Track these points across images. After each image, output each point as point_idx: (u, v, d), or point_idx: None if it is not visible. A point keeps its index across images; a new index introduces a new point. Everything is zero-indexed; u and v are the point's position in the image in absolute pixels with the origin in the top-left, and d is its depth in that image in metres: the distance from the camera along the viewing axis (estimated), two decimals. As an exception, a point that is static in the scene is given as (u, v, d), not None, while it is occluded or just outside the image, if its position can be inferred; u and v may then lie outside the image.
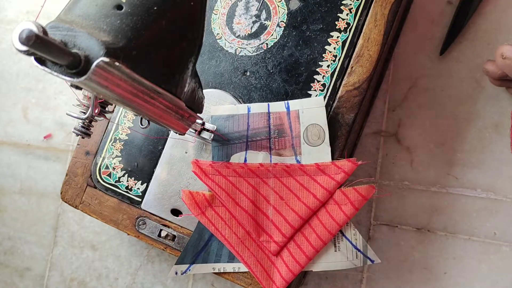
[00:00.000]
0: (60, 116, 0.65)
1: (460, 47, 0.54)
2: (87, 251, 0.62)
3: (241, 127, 0.45)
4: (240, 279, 0.45)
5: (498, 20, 0.53)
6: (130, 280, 0.60)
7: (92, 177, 0.49)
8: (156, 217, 0.47)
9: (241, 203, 0.43)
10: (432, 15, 0.55)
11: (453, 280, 0.52)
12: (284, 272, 0.43)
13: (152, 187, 0.48)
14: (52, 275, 0.63)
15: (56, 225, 0.63)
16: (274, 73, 0.46)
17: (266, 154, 0.45)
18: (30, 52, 0.21)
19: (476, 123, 0.52)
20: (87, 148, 0.50)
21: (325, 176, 0.43)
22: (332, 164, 0.43)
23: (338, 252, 0.43)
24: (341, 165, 0.42)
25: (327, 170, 0.43)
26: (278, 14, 0.47)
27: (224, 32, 0.49)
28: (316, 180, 0.43)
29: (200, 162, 0.45)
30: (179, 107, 0.32)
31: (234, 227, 0.44)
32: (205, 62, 0.48)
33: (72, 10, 0.26)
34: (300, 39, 0.46)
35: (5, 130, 0.66)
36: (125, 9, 0.26)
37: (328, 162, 0.43)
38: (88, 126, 0.36)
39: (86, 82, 0.23)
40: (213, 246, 0.45)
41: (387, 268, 0.54)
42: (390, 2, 0.44)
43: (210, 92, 0.47)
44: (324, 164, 0.43)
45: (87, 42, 0.24)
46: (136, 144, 0.49)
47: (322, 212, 0.43)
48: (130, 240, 0.60)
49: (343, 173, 0.42)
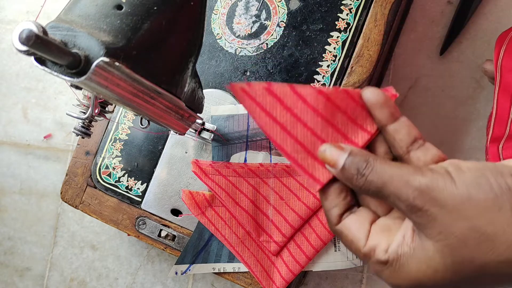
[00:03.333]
0: (60, 116, 0.65)
1: (460, 47, 0.54)
2: (87, 251, 0.62)
3: (241, 127, 0.45)
4: (240, 279, 0.45)
5: (498, 20, 0.53)
6: (130, 280, 0.60)
7: (92, 177, 0.49)
8: (156, 217, 0.47)
9: (241, 203, 0.43)
10: (432, 15, 0.55)
11: (453, 280, 0.52)
12: (284, 272, 0.43)
13: (152, 187, 0.48)
14: (52, 275, 0.63)
15: (56, 225, 0.63)
16: (274, 73, 0.46)
17: (266, 154, 0.45)
18: (30, 52, 0.21)
19: (476, 123, 0.52)
20: (87, 148, 0.50)
21: (325, 176, 0.43)
22: (332, 164, 0.42)
23: (338, 252, 0.43)
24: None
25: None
26: (278, 14, 0.47)
27: (224, 32, 0.49)
28: (316, 180, 0.43)
29: (200, 162, 0.45)
30: (179, 107, 0.32)
31: (234, 227, 0.44)
32: (205, 62, 0.48)
33: (72, 10, 0.26)
34: (300, 39, 0.46)
35: (5, 130, 0.66)
36: (125, 9, 0.26)
37: (328, 162, 0.43)
38: (88, 126, 0.36)
39: (86, 82, 0.23)
40: (213, 246, 0.45)
41: (387, 268, 0.53)
42: (390, 2, 0.44)
43: (210, 92, 0.47)
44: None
45: (87, 42, 0.24)
46: (136, 144, 0.49)
47: (322, 212, 0.43)
48: (130, 240, 0.60)
49: (343, 173, 0.42)
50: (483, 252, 0.21)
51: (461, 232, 0.21)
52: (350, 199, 0.27)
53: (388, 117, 0.26)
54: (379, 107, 0.26)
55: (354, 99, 0.27)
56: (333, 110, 0.27)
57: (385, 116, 0.26)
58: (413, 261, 0.23)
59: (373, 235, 0.25)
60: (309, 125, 0.27)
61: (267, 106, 0.27)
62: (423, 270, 0.22)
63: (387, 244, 0.24)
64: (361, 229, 0.25)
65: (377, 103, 0.26)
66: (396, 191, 0.23)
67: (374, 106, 0.26)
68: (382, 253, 0.24)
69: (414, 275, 0.23)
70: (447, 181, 0.22)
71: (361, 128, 0.27)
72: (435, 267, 0.22)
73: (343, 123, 0.27)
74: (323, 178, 0.27)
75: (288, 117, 0.27)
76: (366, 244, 0.25)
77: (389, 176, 0.23)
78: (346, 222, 0.26)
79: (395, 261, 0.24)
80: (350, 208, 0.27)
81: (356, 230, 0.26)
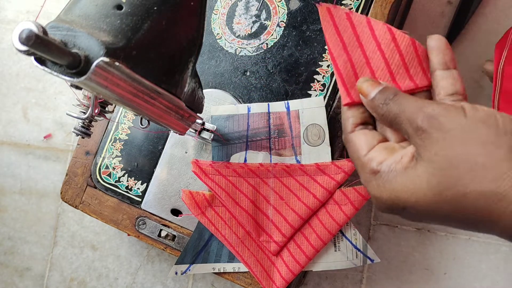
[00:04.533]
0: (60, 116, 0.65)
1: (460, 47, 0.54)
2: (87, 251, 0.62)
3: (241, 127, 0.45)
4: (240, 279, 0.45)
5: (498, 20, 0.53)
6: (130, 280, 0.60)
7: (92, 177, 0.50)
8: (156, 217, 0.47)
9: (241, 203, 0.43)
10: (432, 15, 0.55)
11: (453, 280, 0.52)
12: (284, 272, 0.43)
13: (152, 187, 0.48)
14: (52, 275, 0.63)
15: (56, 225, 0.63)
16: (274, 73, 0.46)
17: (266, 154, 0.45)
18: (30, 52, 0.21)
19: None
20: (87, 148, 0.50)
21: (325, 176, 0.43)
22: (332, 164, 0.43)
23: (338, 252, 0.43)
24: (341, 165, 0.42)
25: (327, 170, 0.43)
26: (278, 14, 0.47)
27: (224, 32, 0.49)
28: (316, 180, 0.43)
29: (200, 162, 0.45)
30: (179, 107, 0.32)
31: (234, 227, 0.44)
32: (205, 62, 0.48)
33: (72, 10, 0.26)
34: (300, 39, 0.46)
35: (5, 130, 0.66)
36: (125, 9, 0.26)
37: (328, 162, 0.43)
38: (88, 126, 0.36)
39: (86, 82, 0.23)
40: (213, 246, 0.45)
41: (387, 268, 0.54)
42: (390, 2, 0.44)
43: (210, 92, 0.47)
44: (324, 164, 0.43)
45: (87, 42, 0.24)
46: (136, 144, 0.49)
47: (322, 212, 0.43)
48: (130, 240, 0.60)
49: (343, 173, 0.42)
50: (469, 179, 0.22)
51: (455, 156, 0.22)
52: (368, 115, 0.30)
53: (441, 63, 0.28)
54: (436, 51, 0.29)
55: (417, 51, 0.30)
56: (393, 50, 0.30)
57: (439, 62, 0.28)
58: (402, 179, 0.24)
59: (376, 149, 0.28)
60: (367, 53, 0.30)
61: (340, 26, 0.30)
62: (407, 187, 0.24)
63: (384, 158, 0.26)
64: (368, 141, 0.28)
65: (436, 48, 0.29)
66: (409, 116, 0.25)
67: (432, 50, 0.29)
68: (376, 163, 0.26)
69: (397, 190, 0.24)
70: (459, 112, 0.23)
71: (409, 77, 0.30)
72: (419, 184, 0.23)
73: (397, 65, 0.30)
74: (355, 97, 0.30)
75: (353, 40, 0.30)
76: (367, 154, 0.27)
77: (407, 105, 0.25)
78: (357, 132, 0.29)
79: (385, 173, 0.25)
80: (365, 124, 0.30)
81: (363, 140, 0.28)
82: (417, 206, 0.24)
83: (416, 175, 0.24)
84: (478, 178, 0.21)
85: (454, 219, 0.23)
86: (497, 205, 0.21)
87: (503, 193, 0.21)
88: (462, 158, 0.22)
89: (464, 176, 0.22)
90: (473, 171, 0.21)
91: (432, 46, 0.29)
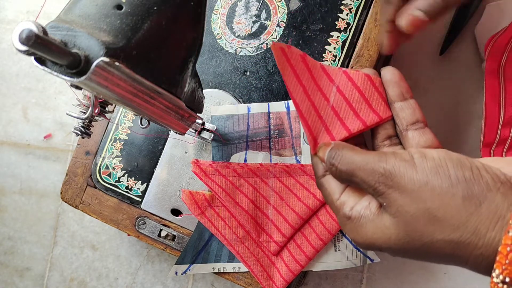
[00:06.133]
0: (60, 116, 0.65)
1: (460, 47, 0.54)
2: (87, 251, 0.62)
3: (241, 127, 0.45)
4: (240, 279, 0.45)
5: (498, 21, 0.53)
6: (130, 280, 0.60)
7: (92, 177, 0.50)
8: (156, 217, 0.47)
9: (241, 203, 0.43)
10: (432, 15, 0.55)
11: (453, 281, 0.52)
12: (284, 272, 0.43)
13: (152, 187, 0.48)
14: (52, 275, 0.63)
15: (56, 225, 0.63)
16: (274, 73, 0.46)
17: (266, 154, 0.45)
18: (30, 52, 0.21)
19: (476, 123, 0.52)
20: (87, 148, 0.50)
21: (325, 176, 0.43)
22: (332, 164, 0.43)
23: (338, 252, 0.43)
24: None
25: (327, 170, 0.43)
26: (278, 14, 0.47)
27: (224, 32, 0.49)
28: (316, 180, 0.43)
29: (200, 162, 0.45)
30: (179, 107, 0.32)
31: (234, 227, 0.44)
32: (205, 62, 0.48)
33: (72, 10, 0.26)
34: (300, 39, 0.46)
35: (5, 130, 0.66)
36: (125, 9, 0.26)
37: (328, 162, 0.43)
38: (88, 126, 0.36)
39: (86, 82, 0.23)
40: (213, 246, 0.45)
41: (387, 268, 0.54)
42: (390, 2, 0.44)
43: (210, 92, 0.47)
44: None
45: (87, 42, 0.24)
46: (136, 144, 0.49)
47: (322, 212, 0.43)
48: (130, 240, 0.60)
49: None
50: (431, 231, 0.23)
51: (415, 212, 0.23)
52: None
53: (398, 95, 0.30)
54: (391, 84, 0.30)
55: (374, 84, 0.31)
56: (351, 89, 0.31)
57: (395, 94, 0.30)
58: (371, 225, 0.26)
59: (347, 192, 0.29)
60: (327, 95, 0.31)
61: (298, 70, 0.30)
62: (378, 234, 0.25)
63: (355, 203, 0.28)
64: (339, 185, 0.29)
65: (391, 81, 0.30)
66: (364, 178, 0.26)
67: (387, 83, 0.30)
68: (348, 209, 0.27)
69: (370, 236, 0.26)
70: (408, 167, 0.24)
71: (373, 111, 0.30)
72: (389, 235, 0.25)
73: (358, 101, 0.31)
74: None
75: (312, 84, 0.31)
76: (339, 199, 0.28)
77: (357, 165, 0.26)
78: (328, 177, 0.30)
79: (356, 219, 0.27)
80: None
81: (334, 185, 0.29)
82: (391, 250, 0.25)
83: (384, 226, 0.25)
84: (440, 229, 0.23)
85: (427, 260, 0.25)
86: (462, 252, 0.22)
87: (466, 241, 0.22)
88: (422, 213, 0.23)
89: (428, 228, 0.23)
90: (435, 224, 0.23)
91: (386, 79, 0.30)
